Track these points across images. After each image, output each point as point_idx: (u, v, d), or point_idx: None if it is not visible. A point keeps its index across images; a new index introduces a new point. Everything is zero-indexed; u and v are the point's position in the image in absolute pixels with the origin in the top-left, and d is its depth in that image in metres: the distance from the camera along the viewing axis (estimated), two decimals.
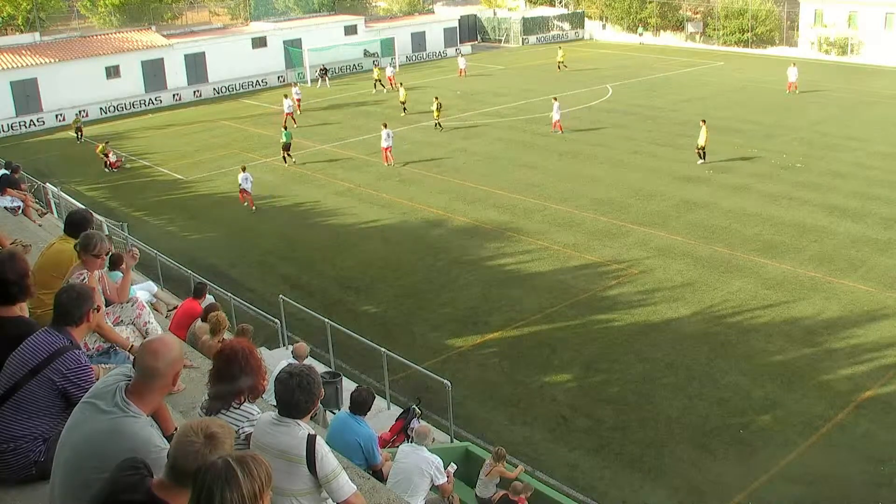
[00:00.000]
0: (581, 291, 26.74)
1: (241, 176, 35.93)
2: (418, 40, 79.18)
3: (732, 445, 18.81)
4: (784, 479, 17.61)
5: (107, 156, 43.89)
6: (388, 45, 73.66)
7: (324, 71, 66.44)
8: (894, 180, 36.83)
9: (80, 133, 50.30)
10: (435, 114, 48.56)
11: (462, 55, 69.47)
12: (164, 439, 5.26)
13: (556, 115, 46.67)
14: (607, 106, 54.83)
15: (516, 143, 45.47)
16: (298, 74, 68.17)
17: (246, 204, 35.64)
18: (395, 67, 65.10)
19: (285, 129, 43.80)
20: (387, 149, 41.77)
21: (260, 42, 69.10)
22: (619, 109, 53.33)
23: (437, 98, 49.69)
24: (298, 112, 52.16)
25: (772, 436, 19.12)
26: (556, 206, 34.58)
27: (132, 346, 9.36)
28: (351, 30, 74.20)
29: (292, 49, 68.98)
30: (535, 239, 31.30)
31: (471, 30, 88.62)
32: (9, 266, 7.03)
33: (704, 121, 39.78)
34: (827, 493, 17.16)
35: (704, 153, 39.51)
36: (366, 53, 73.37)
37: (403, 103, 52.76)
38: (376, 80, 62.44)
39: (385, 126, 42.51)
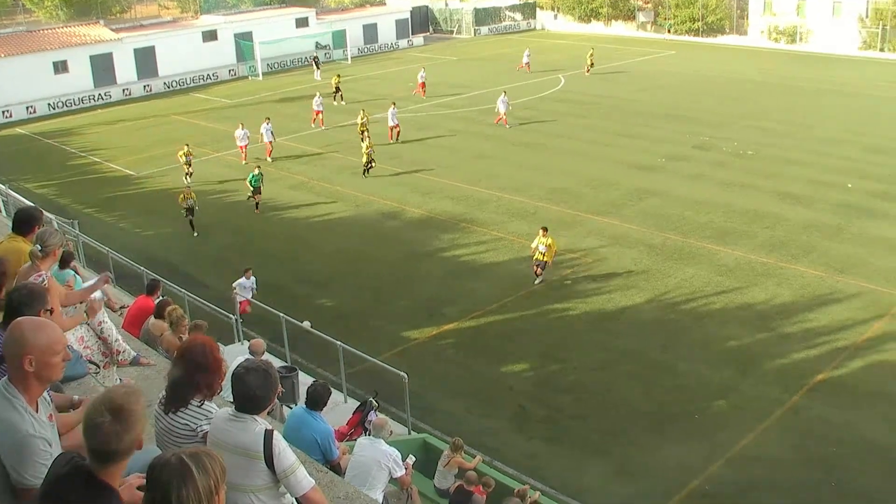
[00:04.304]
0: None
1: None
2: (370, 32, 78.82)
3: (690, 431, 19.00)
4: (740, 461, 17.82)
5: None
6: (339, 38, 73.32)
7: (316, 60, 65.79)
8: (845, 167, 37.34)
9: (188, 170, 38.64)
10: (364, 152, 38.69)
11: (527, 50, 66.18)
12: (36, 425, 5.12)
13: (501, 108, 46.62)
14: (560, 96, 54.99)
15: (470, 134, 45.48)
16: (250, 68, 67.66)
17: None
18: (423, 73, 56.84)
19: (258, 169, 35.05)
20: (393, 126, 43.62)
21: (210, 35, 68.40)
22: (573, 99, 53.51)
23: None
24: (322, 127, 47.60)
25: (728, 420, 19.34)
26: (511, 197, 34.65)
27: (88, 351, 9.27)
28: (302, 22, 73.67)
29: (243, 42, 68.40)
30: (490, 229, 31.35)
31: (423, 21, 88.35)
32: None
33: (545, 228, 26.58)
34: (782, 475, 17.39)
35: (542, 268, 26.61)
36: (317, 46, 72.97)
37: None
38: (335, 91, 53.80)
39: (393, 105, 44.75)
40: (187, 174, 37.78)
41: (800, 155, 39.47)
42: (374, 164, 38.19)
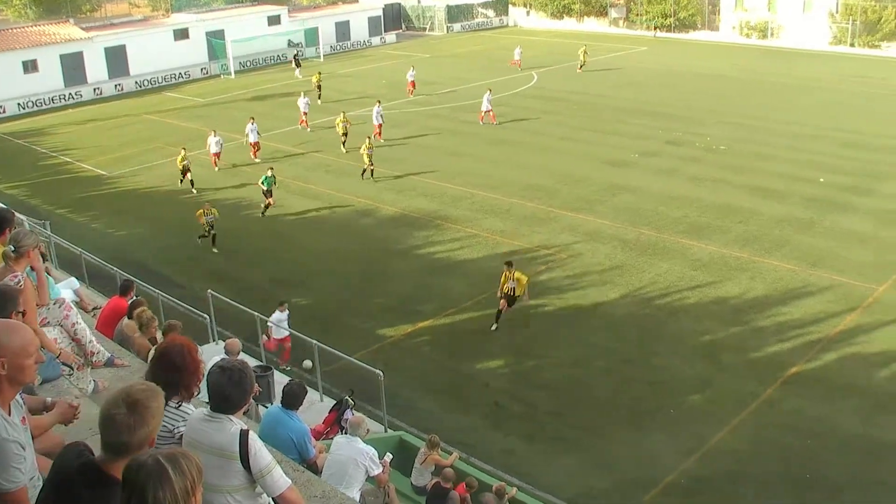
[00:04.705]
0: None
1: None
2: (342, 30, 78.61)
3: (665, 425, 19.08)
4: (716, 455, 17.92)
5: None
6: (312, 35, 73.12)
7: (296, 58, 65.32)
8: (817, 161, 37.60)
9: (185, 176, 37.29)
10: (364, 153, 37.01)
11: (518, 47, 65.52)
12: (9, 428, 5.10)
13: (486, 106, 46.13)
14: (534, 92, 55.09)
15: (444, 131, 45.46)
16: (222, 66, 67.35)
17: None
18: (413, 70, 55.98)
19: (271, 171, 33.73)
20: (379, 125, 42.99)
21: (182, 34, 67.95)
22: (546, 96, 53.60)
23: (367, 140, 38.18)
24: (308, 129, 46.29)
25: (703, 414, 19.44)
26: (485, 193, 34.67)
27: (61, 350, 9.14)
28: (274, 20, 73.39)
29: (215, 41, 68.07)
30: (464, 226, 31.36)
31: (395, 18, 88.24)
32: None
33: (510, 263, 23.92)
34: (757, 468, 17.50)
35: (512, 303, 23.75)
36: (290, 44, 72.75)
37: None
38: (317, 86, 53.47)
39: (378, 103, 43.81)
40: (191, 181, 36.73)
41: (772, 150, 39.71)
42: (371, 167, 37.06)
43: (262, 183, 33.04)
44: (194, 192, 36.15)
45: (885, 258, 27.51)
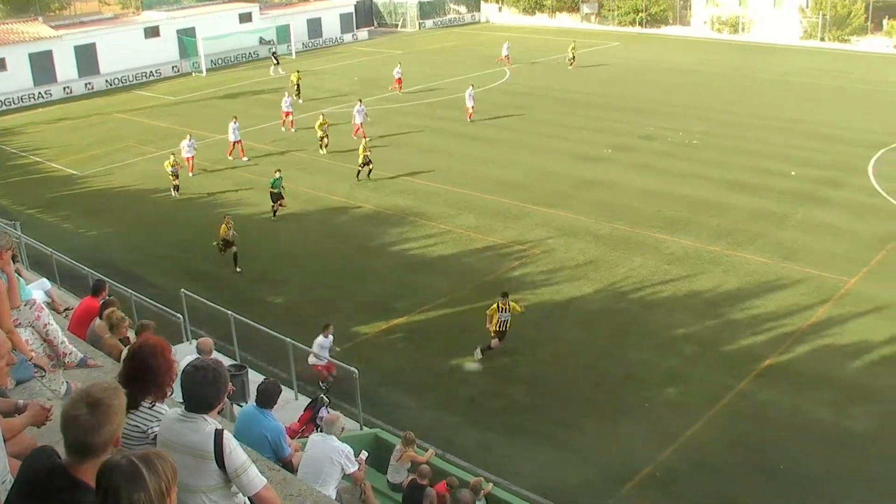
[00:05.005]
0: (485, 273, 26.87)
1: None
2: (314, 27, 78.30)
3: (641, 419, 19.17)
4: (691, 447, 18.02)
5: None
6: (283, 32, 72.82)
7: (275, 55, 64.85)
8: (789, 154, 37.83)
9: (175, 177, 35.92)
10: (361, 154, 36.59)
11: (507, 42, 64.79)
12: None
13: (469, 102, 45.95)
14: (506, 88, 55.13)
15: (417, 127, 45.38)
16: (193, 64, 66.99)
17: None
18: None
19: (278, 172, 33.02)
20: (359, 125, 42.07)
21: (153, 31, 67.49)
22: (518, 91, 53.65)
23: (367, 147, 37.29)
24: (292, 130, 45.39)
25: (678, 407, 19.53)
26: (458, 190, 34.67)
27: (33, 354, 9.06)
28: (246, 17, 73.01)
29: (186, 38, 67.68)
30: (438, 223, 31.35)
31: (367, 15, 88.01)
32: None
33: (506, 294, 22.12)
34: (732, 460, 17.61)
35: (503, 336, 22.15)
36: (261, 41, 72.46)
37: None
38: (296, 85, 53.00)
39: (360, 101, 43.31)
40: (175, 186, 35.79)
41: (744, 144, 39.93)
42: (371, 166, 36.57)
43: (272, 185, 32.62)
44: (175, 195, 35.80)
45: (857, 250, 27.74)
